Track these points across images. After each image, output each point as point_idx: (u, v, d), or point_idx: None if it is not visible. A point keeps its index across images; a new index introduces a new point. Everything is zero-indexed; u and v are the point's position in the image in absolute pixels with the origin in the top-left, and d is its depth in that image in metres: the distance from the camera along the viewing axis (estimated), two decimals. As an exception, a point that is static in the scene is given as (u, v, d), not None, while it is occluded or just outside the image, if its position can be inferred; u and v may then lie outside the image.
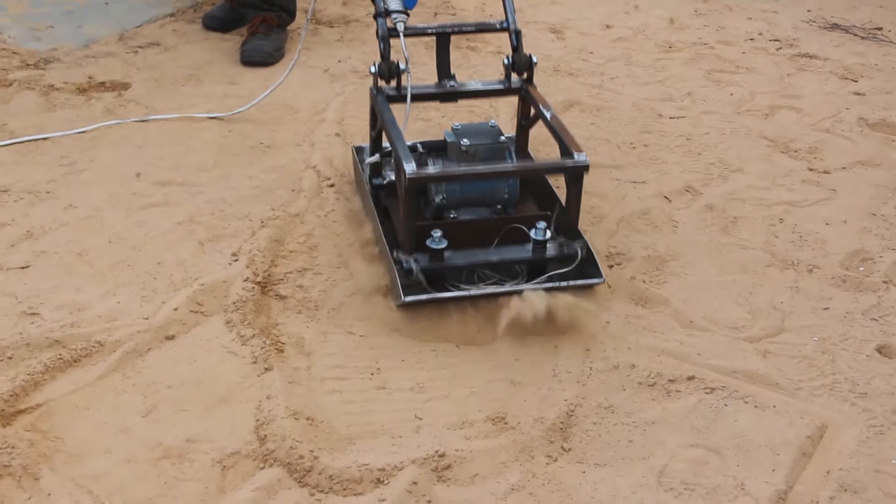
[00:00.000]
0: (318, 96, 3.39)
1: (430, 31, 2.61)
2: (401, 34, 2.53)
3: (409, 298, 2.26)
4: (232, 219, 2.68)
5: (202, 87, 3.44)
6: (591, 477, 1.93)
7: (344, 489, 1.88)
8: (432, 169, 2.37)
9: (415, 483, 1.88)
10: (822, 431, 2.04)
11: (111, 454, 1.94)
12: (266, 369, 2.17)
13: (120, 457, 1.94)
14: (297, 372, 2.18)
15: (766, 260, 2.59)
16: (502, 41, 3.85)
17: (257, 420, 2.03)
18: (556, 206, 2.50)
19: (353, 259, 2.53)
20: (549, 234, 2.36)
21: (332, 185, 2.84)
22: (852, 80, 3.64)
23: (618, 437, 2.03)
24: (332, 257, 2.54)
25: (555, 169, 2.46)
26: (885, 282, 2.50)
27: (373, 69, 2.53)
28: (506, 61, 2.60)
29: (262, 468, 1.92)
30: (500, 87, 2.65)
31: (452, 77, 2.61)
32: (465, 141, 2.43)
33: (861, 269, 2.56)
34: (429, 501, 1.86)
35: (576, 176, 2.33)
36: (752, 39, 4.00)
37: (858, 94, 3.53)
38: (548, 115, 2.49)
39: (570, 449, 2.00)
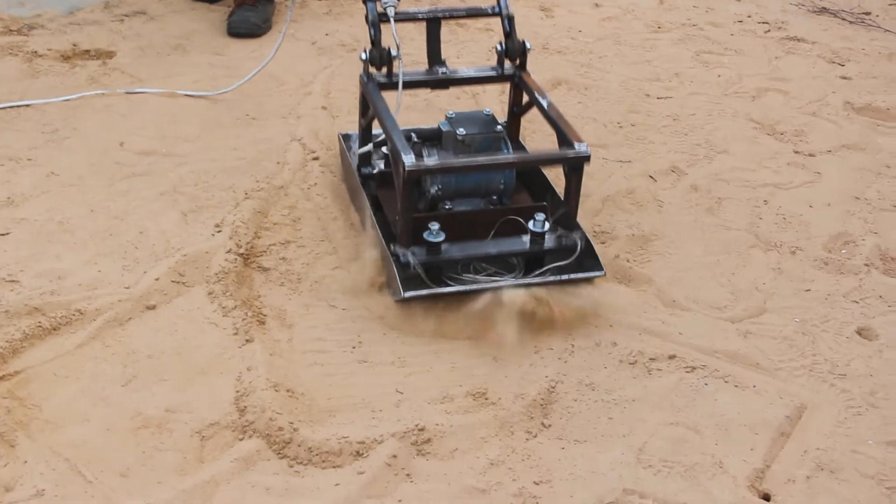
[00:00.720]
0: (304, 69, 3.36)
1: (420, 16, 2.54)
2: (391, 20, 2.47)
3: (409, 294, 2.21)
4: (216, 190, 2.67)
5: (188, 57, 3.41)
6: (570, 453, 1.93)
7: (323, 461, 1.88)
8: (430, 160, 2.29)
9: (394, 456, 1.89)
10: (801, 412, 2.05)
11: (89, 422, 1.94)
12: (247, 341, 2.16)
13: (98, 425, 1.93)
14: (279, 344, 2.17)
15: (750, 241, 2.59)
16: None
17: (237, 391, 2.03)
18: (551, 196, 2.47)
19: (337, 233, 2.52)
20: (547, 225, 2.32)
21: (316, 159, 2.82)
22: (839, 64, 3.64)
23: (598, 414, 2.03)
24: (315, 230, 2.53)
25: (556, 160, 2.38)
26: (867, 265, 2.51)
27: (363, 56, 2.46)
28: (499, 47, 2.54)
29: (241, 439, 1.92)
30: (493, 73, 2.59)
31: (443, 63, 2.56)
32: (461, 131, 2.36)
33: (843, 251, 2.56)
34: (408, 475, 1.87)
35: (576, 167, 2.29)
36: (740, 21, 4.00)
37: (845, 78, 3.53)
38: (544, 103, 2.44)
39: (549, 425, 2.00)
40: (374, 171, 2.57)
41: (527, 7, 4.03)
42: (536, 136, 2.99)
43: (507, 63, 2.58)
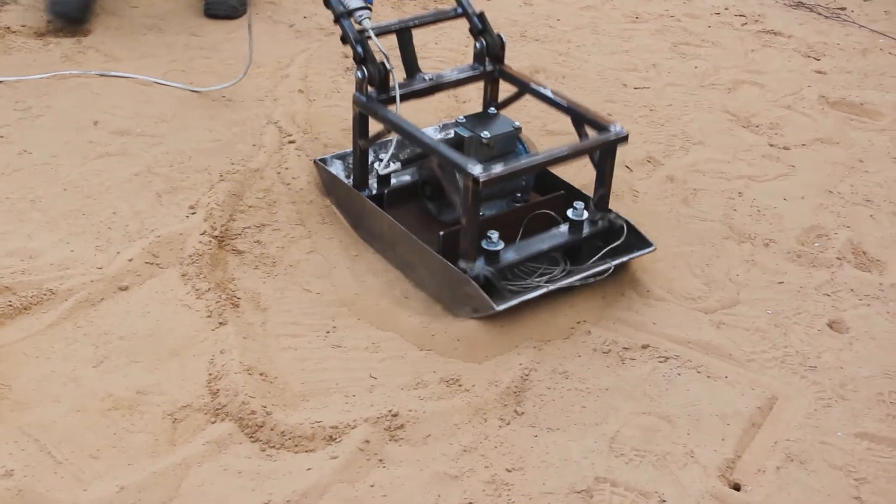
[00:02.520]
0: (282, 52, 3.34)
1: (393, 27, 2.46)
2: (371, 33, 2.37)
3: (503, 306, 2.15)
4: (190, 171, 2.65)
5: (163, 37, 3.38)
6: (542, 441, 1.94)
7: (296, 445, 1.88)
8: (496, 168, 2.15)
9: (367, 441, 1.88)
10: (772, 403, 2.07)
11: (60, 403, 1.92)
12: (220, 323, 2.15)
13: (69, 406, 1.92)
14: (252, 327, 2.16)
15: (724, 232, 2.60)
16: None
17: (210, 374, 2.02)
18: (560, 184, 2.49)
19: (313, 217, 2.51)
20: (586, 213, 2.32)
21: (293, 142, 2.80)
22: (815, 58, 3.66)
23: (571, 403, 2.04)
24: (290, 214, 2.52)
25: (598, 145, 2.30)
26: (839, 258, 2.53)
27: (360, 74, 2.36)
28: (477, 45, 2.52)
29: (213, 422, 1.91)
30: (475, 72, 2.55)
31: (419, 69, 2.51)
32: (485, 134, 2.35)
33: (816, 244, 2.58)
34: (380, 460, 1.86)
35: (612, 149, 2.30)
36: (718, 14, 4.01)
37: (820, 72, 3.55)
38: (548, 92, 2.43)
39: (523, 413, 2.01)
40: (374, 192, 2.48)
41: (506, -6, 4.02)
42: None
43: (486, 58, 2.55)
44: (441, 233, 2.23)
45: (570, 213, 2.33)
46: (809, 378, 2.14)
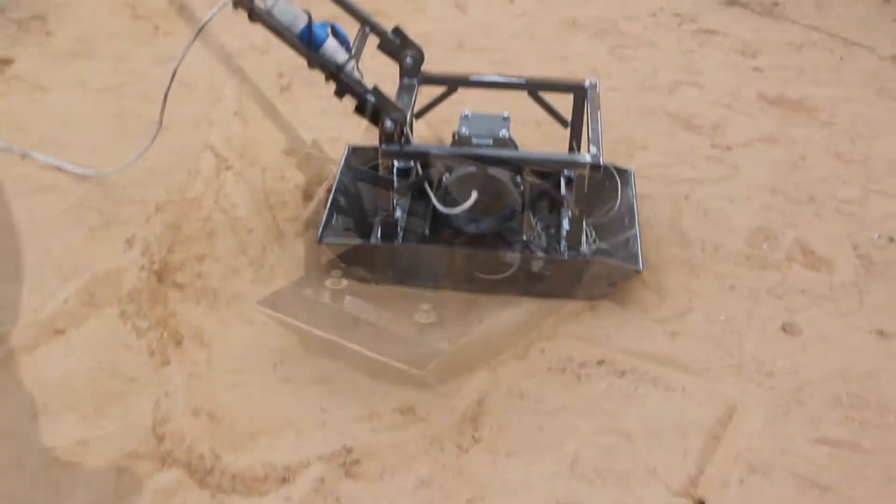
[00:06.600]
0: (214, 73, 3.26)
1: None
2: (359, 75, 2.28)
3: (640, 264, 2.32)
4: (125, 203, 2.57)
5: (92, 62, 3.29)
6: (501, 467, 1.89)
7: (248, 489, 1.81)
8: (592, 149, 2.34)
9: (322, 480, 1.83)
10: (731, 412, 2.04)
11: (-4, 460, 1.84)
12: (164, 363, 2.08)
13: (5, 463, 1.83)
14: (197, 365, 2.09)
15: (673, 238, 2.58)
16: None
17: (155, 418, 1.95)
18: None
19: (253, 245, 2.45)
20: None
21: (230, 168, 2.73)
22: (751, 56, 3.67)
23: (528, 425, 2.00)
24: (231, 243, 2.45)
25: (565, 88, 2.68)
26: (788, 259, 2.52)
27: (389, 125, 2.22)
28: (409, 60, 2.46)
29: (160, 469, 1.84)
30: (415, 85, 2.50)
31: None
32: (503, 133, 2.42)
33: (764, 246, 2.57)
34: (337, 499, 1.81)
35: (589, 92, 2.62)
36: (653, 15, 4.00)
37: (757, 69, 3.55)
38: (494, 77, 2.65)
39: (480, 439, 1.96)
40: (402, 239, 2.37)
41: (441, 3, 3.97)
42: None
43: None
44: (524, 238, 2.35)
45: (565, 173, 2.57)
46: (766, 384, 2.12)
